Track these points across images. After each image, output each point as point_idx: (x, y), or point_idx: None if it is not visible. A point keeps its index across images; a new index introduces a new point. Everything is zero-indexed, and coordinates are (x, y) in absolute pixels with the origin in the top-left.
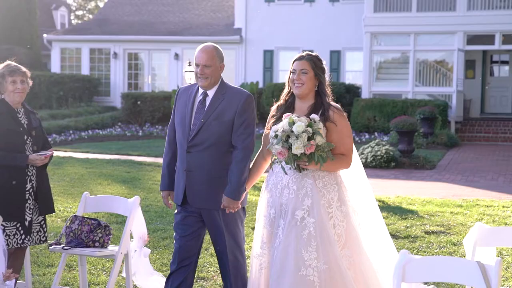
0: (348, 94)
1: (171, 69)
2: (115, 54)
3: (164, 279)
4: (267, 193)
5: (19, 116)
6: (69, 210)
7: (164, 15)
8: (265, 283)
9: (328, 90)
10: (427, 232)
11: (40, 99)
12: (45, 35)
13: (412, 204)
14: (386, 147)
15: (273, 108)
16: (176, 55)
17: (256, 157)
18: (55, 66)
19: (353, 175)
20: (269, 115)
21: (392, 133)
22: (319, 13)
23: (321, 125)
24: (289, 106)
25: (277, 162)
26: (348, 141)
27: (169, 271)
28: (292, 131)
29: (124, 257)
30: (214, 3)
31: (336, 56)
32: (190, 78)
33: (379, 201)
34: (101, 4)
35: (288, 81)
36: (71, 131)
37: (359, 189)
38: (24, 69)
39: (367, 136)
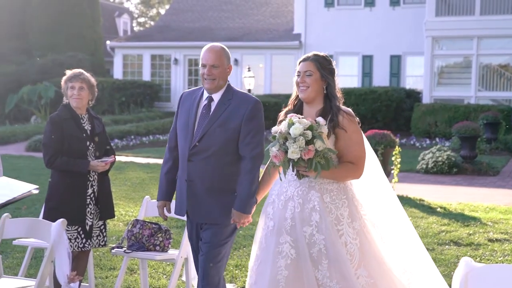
0: (408, 99)
1: (230, 75)
2: (175, 60)
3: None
4: (270, 204)
5: (83, 122)
6: (131, 214)
7: (224, 21)
8: None
9: (339, 93)
10: (490, 240)
11: (103, 105)
12: (108, 42)
13: (475, 211)
14: (448, 152)
15: (281, 114)
16: (236, 60)
17: (266, 166)
18: (118, 72)
19: (372, 185)
20: (278, 121)
21: (454, 139)
22: (380, 17)
23: (325, 129)
24: (296, 112)
25: (273, 166)
26: (357, 148)
27: (231, 273)
28: (289, 133)
29: (184, 261)
30: (273, 8)
31: (396, 61)
32: (249, 84)
33: (441, 207)
34: (162, 11)
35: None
36: (132, 136)
37: (379, 199)
38: (85, 75)
39: (428, 142)
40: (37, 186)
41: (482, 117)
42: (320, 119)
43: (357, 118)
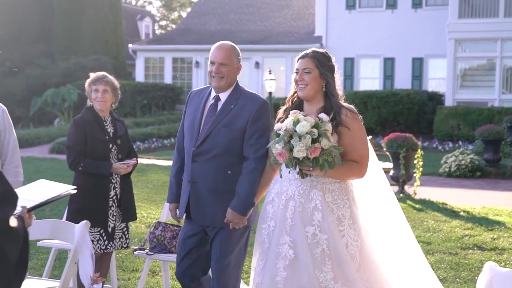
0: (431, 102)
1: (251, 78)
2: (197, 63)
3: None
4: (269, 203)
5: (106, 125)
6: (152, 217)
7: (245, 24)
8: None
9: (339, 91)
10: None
11: (125, 108)
12: (130, 45)
13: (499, 215)
14: (471, 156)
15: (280, 112)
16: (257, 63)
17: (268, 161)
18: (140, 75)
19: (371, 188)
20: (275, 120)
21: (477, 142)
22: (401, 19)
23: (329, 126)
24: (296, 109)
25: (275, 164)
26: (361, 146)
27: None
28: (295, 131)
29: None
30: (294, 11)
31: (418, 64)
32: (270, 87)
33: (464, 211)
34: (184, 14)
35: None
36: (154, 139)
37: (377, 204)
38: (108, 78)
39: (450, 145)
40: (75, 187)
41: (506, 120)
42: (323, 116)
43: (360, 116)
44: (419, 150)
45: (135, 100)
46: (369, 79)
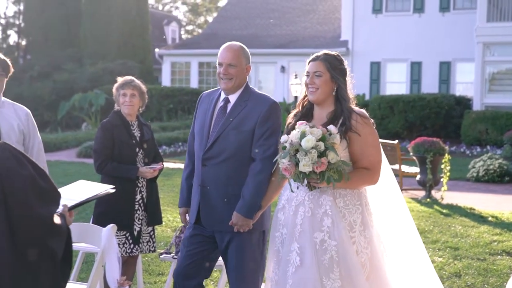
0: (458, 106)
1: (277, 82)
2: None
3: None
4: (280, 210)
5: (133, 129)
6: (178, 220)
7: (271, 29)
8: None
9: (351, 95)
10: None
11: (151, 112)
12: (156, 49)
13: None
14: (500, 161)
15: (290, 116)
16: (282, 67)
17: (274, 171)
18: (166, 80)
19: (383, 195)
20: (286, 124)
21: (506, 147)
22: (429, 23)
23: (337, 138)
24: (306, 114)
25: (282, 178)
26: (373, 152)
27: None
28: (300, 145)
29: None
30: (320, 15)
31: (446, 68)
32: (296, 91)
33: (492, 216)
34: (210, 19)
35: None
36: (180, 143)
37: (390, 211)
38: (136, 83)
39: (478, 150)
40: (113, 186)
41: None
42: (332, 128)
43: (372, 120)
44: (446, 154)
45: (162, 104)
46: (396, 83)
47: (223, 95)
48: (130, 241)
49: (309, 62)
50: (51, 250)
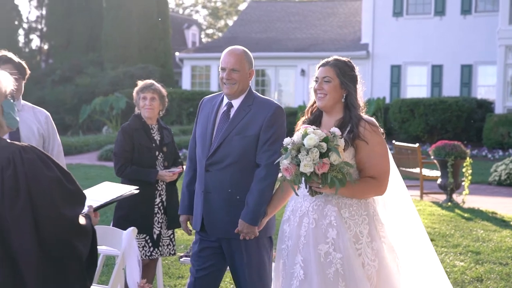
0: (480, 110)
1: (297, 85)
2: None
3: None
4: (285, 222)
5: (153, 132)
6: None
7: (291, 32)
8: None
9: (361, 103)
10: None
11: (171, 115)
12: (177, 53)
13: None
14: None
15: (299, 123)
16: (302, 71)
17: (279, 180)
18: (186, 83)
19: (397, 204)
20: (295, 132)
21: None
22: (450, 26)
23: (341, 141)
24: (315, 121)
25: (283, 180)
26: (380, 161)
27: None
28: (303, 144)
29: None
30: (341, 19)
31: (467, 71)
32: None
33: None
34: (230, 23)
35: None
36: None
37: (402, 222)
38: (156, 86)
39: (500, 153)
40: (137, 187)
41: None
42: (336, 130)
43: (382, 129)
44: (467, 158)
45: (182, 108)
46: (417, 86)
47: (225, 100)
48: (150, 244)
49: (318, 67)
50: (77, 250)
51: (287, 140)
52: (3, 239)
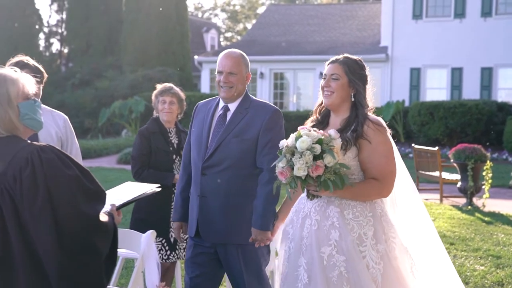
0: (500, 113)
1: (315, 89)
2: (261, 74)
3: None
4: (288, 223)
5: (170, 136)
6: None
7: (310, 35)
8: None
9: (370, 104)
10: None
11: (189, 119)
12: (196, 56)
13: None
14: None
15: (307, 123)
16: (321, 74)
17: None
18: (205, 87)
19: (407, 204)
20: None
21: None
22: (470, 29)
23: (337, 142)
24: (322, 121)
25: (279, 184)
26: (383, 162)
27: None
28: (296, 147)
29: (270, 275)
30: (360, 22)
31: (487, 73)
32: None
33: None
34: (249, 26)
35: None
36: None
37: (414, 222)
38: (174, 90)
39: None
40: (159, 185)
41: None
42: (332, 132)
43: (389, 129)
44: (488, 161)
45: None
46: (436, 89)
47: (221, 104)
48: (167, 247)
49: (328, 64)
50: (97, 247)
51: (282, 143)
52: (24, 238)
